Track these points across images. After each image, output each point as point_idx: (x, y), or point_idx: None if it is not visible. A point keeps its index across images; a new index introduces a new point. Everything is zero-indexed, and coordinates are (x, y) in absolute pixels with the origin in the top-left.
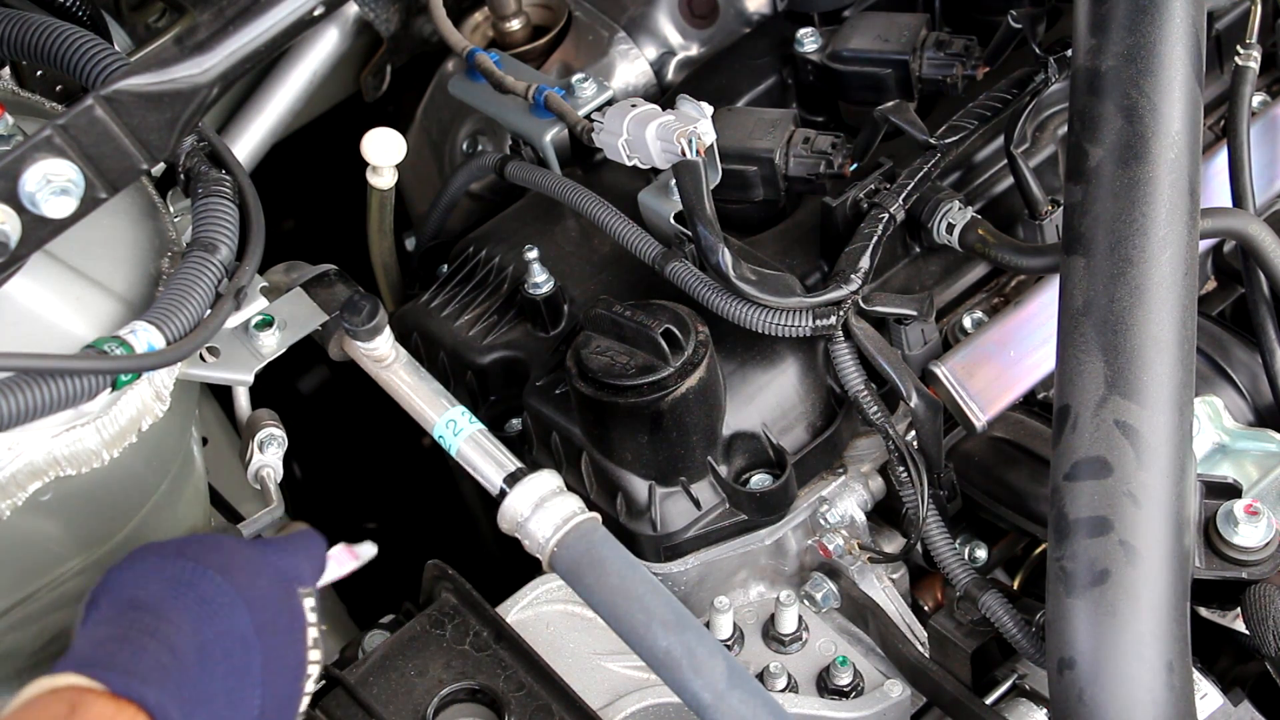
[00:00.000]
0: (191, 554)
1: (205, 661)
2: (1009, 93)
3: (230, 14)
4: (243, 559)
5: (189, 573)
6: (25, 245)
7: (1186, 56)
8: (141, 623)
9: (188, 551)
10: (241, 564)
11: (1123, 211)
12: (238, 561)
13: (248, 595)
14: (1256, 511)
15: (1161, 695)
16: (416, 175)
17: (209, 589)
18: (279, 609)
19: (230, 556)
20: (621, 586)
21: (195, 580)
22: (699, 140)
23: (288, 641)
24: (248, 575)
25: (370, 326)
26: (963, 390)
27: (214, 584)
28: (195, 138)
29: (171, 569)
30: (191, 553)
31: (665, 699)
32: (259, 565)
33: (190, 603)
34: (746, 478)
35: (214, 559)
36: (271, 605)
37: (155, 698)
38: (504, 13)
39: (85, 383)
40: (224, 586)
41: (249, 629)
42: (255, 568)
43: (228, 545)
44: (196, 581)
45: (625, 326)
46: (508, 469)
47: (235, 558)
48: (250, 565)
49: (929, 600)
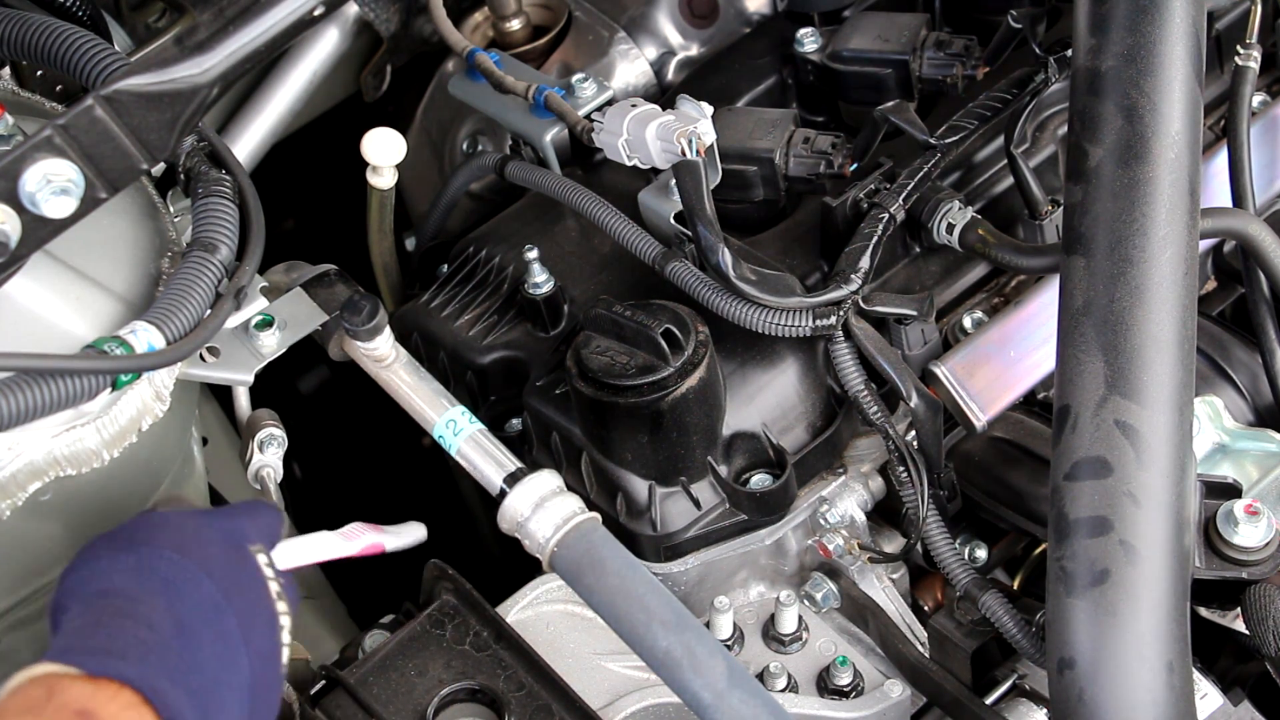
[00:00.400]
0: (143, 538)
1: (186, 633)
2: (1009, 93)
3: (230, 14)
4: (192, 531)
5: (148, 558)
6: (25, 245)
7: (1186, 56)
8: (114, 607)
9: (138, 536)
10: (192, 536)
11: (1123, 211)
12: (188, 535)
13: (207, 566)
14: (1256, 511)
15: (1161, 695)
16: (416, 175)
17: (170, 569)
18: (238, 570)
19: (180, 532)
20: (621, 586)
21: (155, 564)
22: (699, 140)
23: (254, 600)
24: (200, 545)
25: (370, 326)
26: (963, 390)
27: (173, 563)
28: (195, 138)
29: (128, 558)
30: (142, 536)
31: (665, 699)
32: (207, 533)
33: (156, 586)
34: (746, 478)
35: (166, 538)
36: (230, 568)
37: (136, 672)
38: (504, 13)
39: (85, 383)
40: (183, 563)
41: (217, 595)
42: (205, 537)
43: (174, 521)
44: (156, 564)
45: (625, 326)
46: (508, 469)
47: (185, 532)
48: (200, 535)
49: (929, 600)
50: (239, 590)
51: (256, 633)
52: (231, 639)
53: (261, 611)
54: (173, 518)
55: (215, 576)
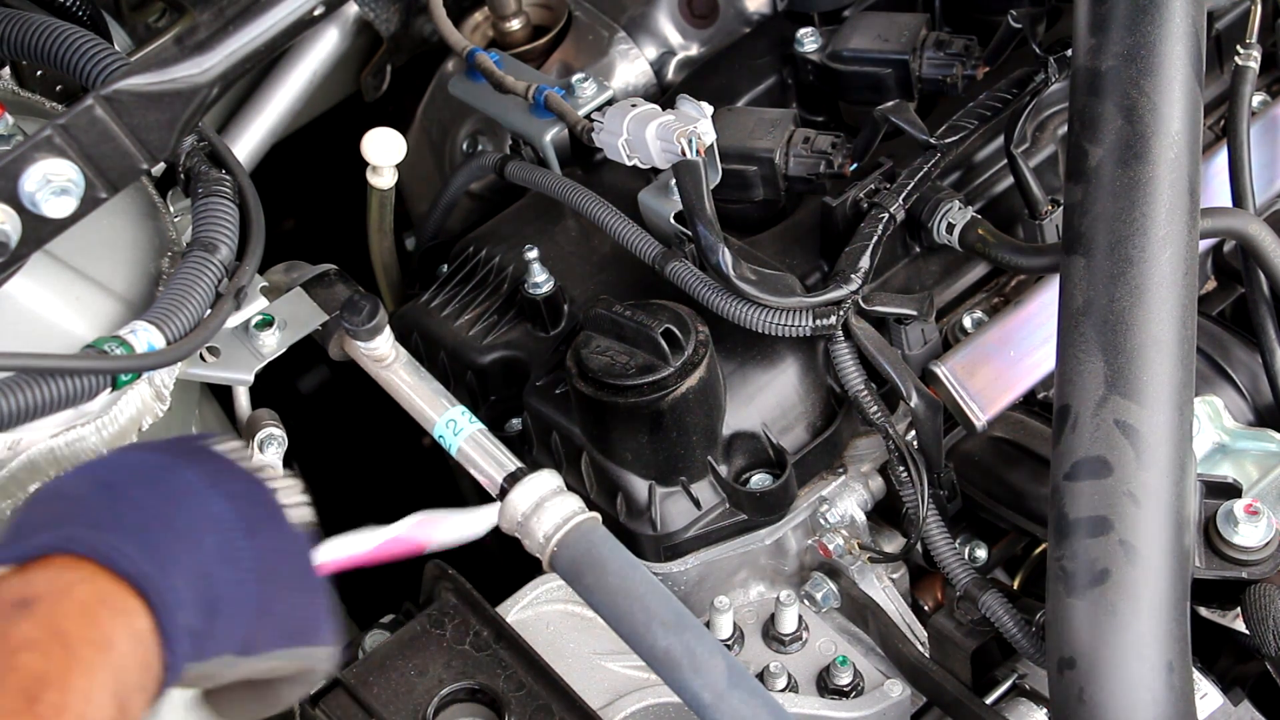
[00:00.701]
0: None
1: (109, 488)
2: (1009, 93)
3: (230, 14)
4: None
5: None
6: (25, 245)
7: (1186, 56)
8: (31, 500)
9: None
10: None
11: (1123, 211)
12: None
13: (146, 446)
14: (1256, 511)
15: (1161, 695)
16: (416, 175)
17: (102, 459)
18: (189, 443)
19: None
20: (621, 586)
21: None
22: (699, 140)
23: (217, 458)
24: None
25: (370, 326)
26: (963, 390)
27: (106, 456)
28: (195, 138)
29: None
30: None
31: (665, 699)
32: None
33: (79, 467)
34: (746, 478)
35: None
36: (178, 444)
37: (51, 537)
38: (504, 13)
39: (85, 382)
40: (116, 452)
41: (160, 457)
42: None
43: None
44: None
45: (625, 326)
46: (508, 469)
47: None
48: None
49: (929, 600)
50: (190, 453)
51: (229, 483)
52: (185, 486)
53: (233, 471)
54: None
55: (156, 449)
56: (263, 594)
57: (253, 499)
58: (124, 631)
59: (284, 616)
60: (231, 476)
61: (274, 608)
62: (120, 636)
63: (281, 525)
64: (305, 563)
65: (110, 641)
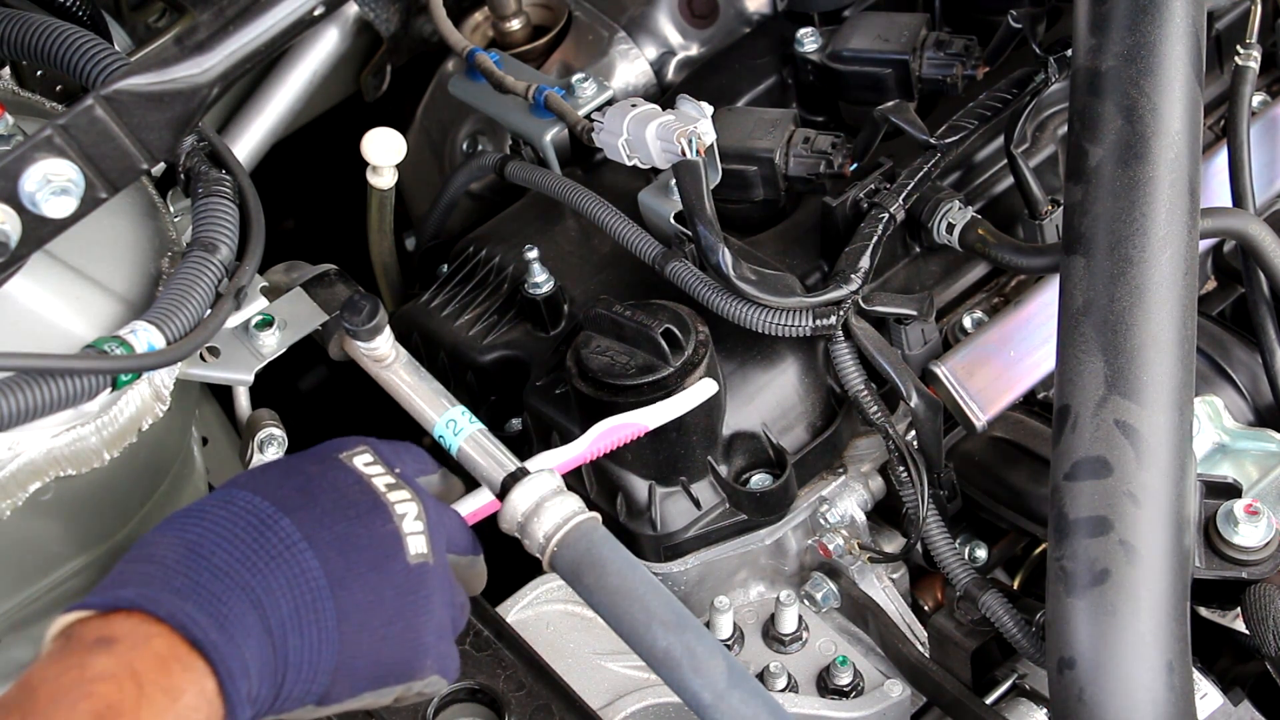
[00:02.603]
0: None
1: (194, 552)
2: (1009, 93)
3: (230, 14)
4: (270, 464)
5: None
6: (25, 245)
7: (1186, 56)
8: (124, 559)
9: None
10: (264, 468)
11: (1123, 211)
12: (262, 468)
13: (254, 484)
14: (1256, 511)
15: (1161, 695)
16: (416, 175)
17: (196, 505)
18: (309, 479)
19: (259, 470)
20: (621, 586)
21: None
22: (699, 140)
23: (331, 498)
24: (262, 472)
25: (370, 326)
26: (963, 390)
27: (206, 499)
28: (195, 138)
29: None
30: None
31: (665, 699)
32: (287, 459)
33: (167, 524)
34: (746, 478)
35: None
36: (294, 478)
37: (135, 593)
38: (504, 13)
39: (85, 383)
40: (219, 493)
41: (265, 507)
42: (279, 462)
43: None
44: (186, 510)
45: (625, 326)
46: (508, 469)
47: (262, 468)
48: (275, 463)
49: (929, 600)
50: (301, 492)
51: (329, 530)
52: (276, 544)
53: (343, 510)
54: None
55: (264, 489)
56: (343, 651)
57: (352, 544)
58: (193, 687)
59: (367, 667)
60: (338, 517)
61: (355, 662)
62: (189, 690)
63: (383, 568)
64: (407, 601)
65: (180, 691)
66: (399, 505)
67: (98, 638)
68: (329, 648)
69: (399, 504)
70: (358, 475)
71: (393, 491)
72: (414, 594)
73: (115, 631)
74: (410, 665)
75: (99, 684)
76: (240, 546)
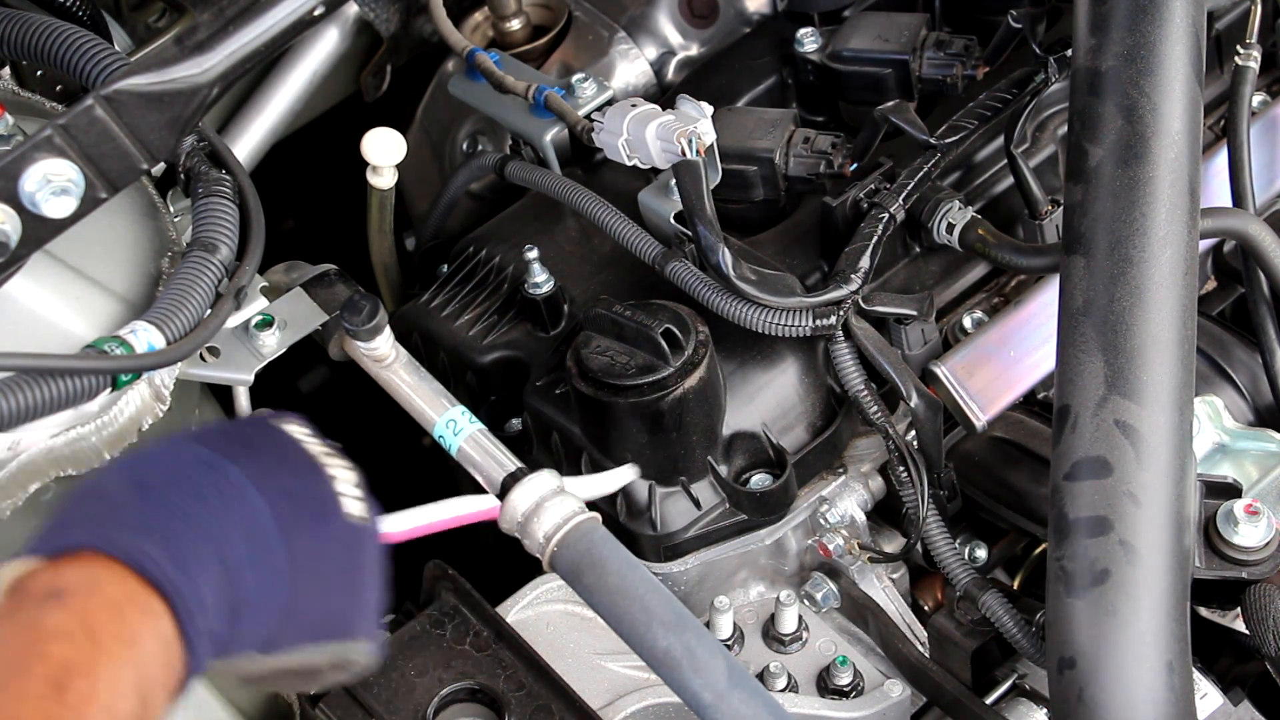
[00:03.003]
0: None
1: (144, 490)
2: (1009, 93)
3: (230, 14)
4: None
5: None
6: (25, 245)
7: (1186, 56)
8: (69, 497)
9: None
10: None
11: (1123, 211)
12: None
13: (199, 436)
14: (1256, 511)
15: (1161, 695)
16: (416, 175)
17: (146, 450)
18: (247, 433)
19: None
20: (621, 586)
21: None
22: (699, 140)
23: (274, 452)
24: (201, 431)
25: (370, 326)
26: (963, 390)
27: (152, 447)
28: (195, 138)
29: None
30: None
31: (665, 699)
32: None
33: (118, 463)
34: (746, 478)
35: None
36: (235, 432)
37: (84, 534)
38: (504, 13)
39: (85, 383)
40: (165, 441)
41: (207, 454)
42: (213, 425)
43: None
44: (132, 454)
45: (625, 326)
46: (508, 469)
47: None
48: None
49: (929, 600)
50: (244, 444)
51: (275, 479)
52: (226, 487)
53: (285, 465)
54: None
55: (210, 441)
56: (292, 595)
57: (299, 496)
58: (150, 631)
59: (313, 615)
60: (283, 470)
61: (302, 608)
62: (146, 635)
63: (326, 522)
64: (348, 558)
65: (136, 639)
66: (336, 470)
67: (48, 590)
68: (281, 589)
69: (336, 469)
70: (295, 440)
71: (329, 458)
72: (357, 550)
73: (66, 581)
74: (351, 622)
75: (52, 644)
76: (191, 486)
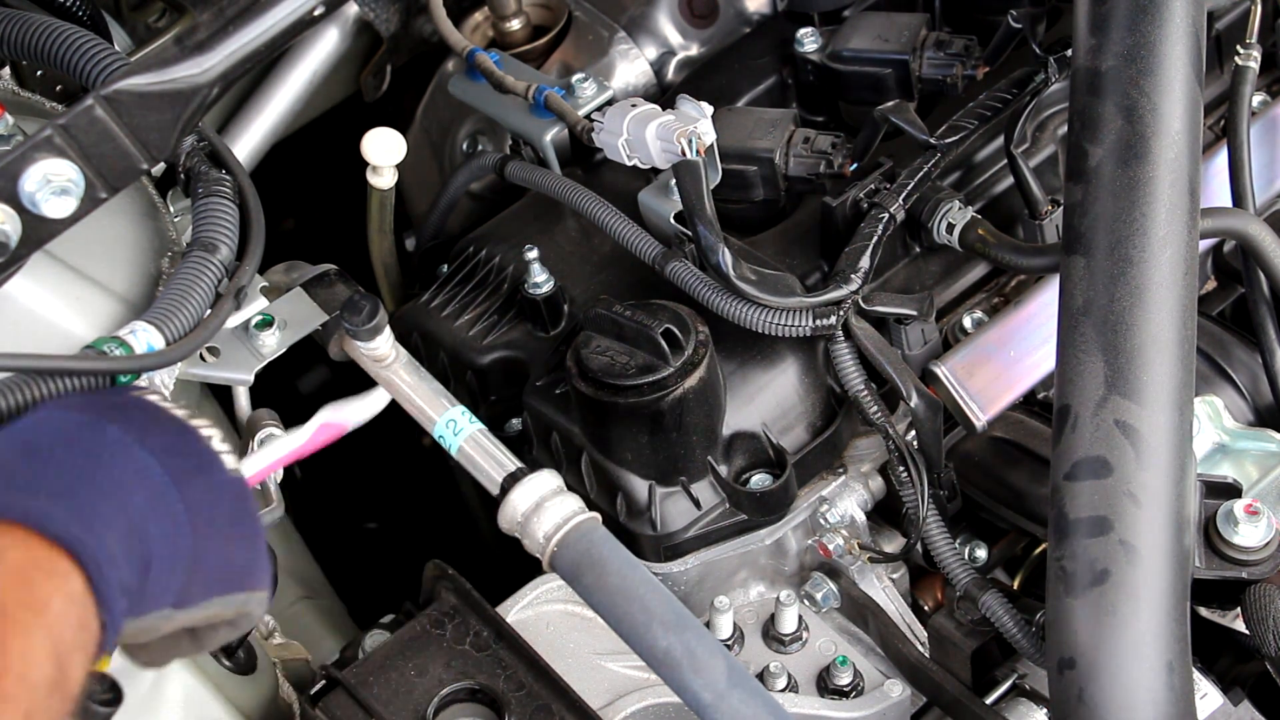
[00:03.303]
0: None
1: (33, 452)
2: (1009, 93)
3: (230, 14)
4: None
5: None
6: (25, 245)
7: (1186, 56)
8: None
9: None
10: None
11: (1123, 211)
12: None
13: (63, 404)
14: (1256, 511)
15: (1161, 695)
16: (416, 175)
17: (22, 421)
18: (109, 397)
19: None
20: (621, 586)
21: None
22: (699, 140)
23: (144, 412)
24: (61, 399)
25: (370, 326)
26: (963, 390)
27: (27, 418)
28: (195, 138)
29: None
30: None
31: (665, 699)
32: (69, 395)
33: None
34: (746, 478)
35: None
36: (99, 399)
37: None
38: (504, 13)
39: (85, 383)
40: (38, 412)
41: (81, 417)
42: (65, 397)
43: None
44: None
45: (625, 326)
46: (508, 469)
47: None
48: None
49: (929, 600)
50: (114, 407)
51: (155, 437)
52: (110, 443)
53: (158, 424)
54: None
55: (78, 406)
56: (196, 545)
57: (180, 450)
58: (59, 594)
59: (218, 565)
60: (158, 429)
61: (207, 557)
62: (55, 598)
63: (211, 473)
64: (238, 509)
65: (45, 604)
66: (203, 429)
67: None
68: (184, 538)
69: (203, 428)
70: (159, 405)
71: (194, 419)
72: (245, 501)
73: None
74: (253, 571)
75: None
76: (78, 445)
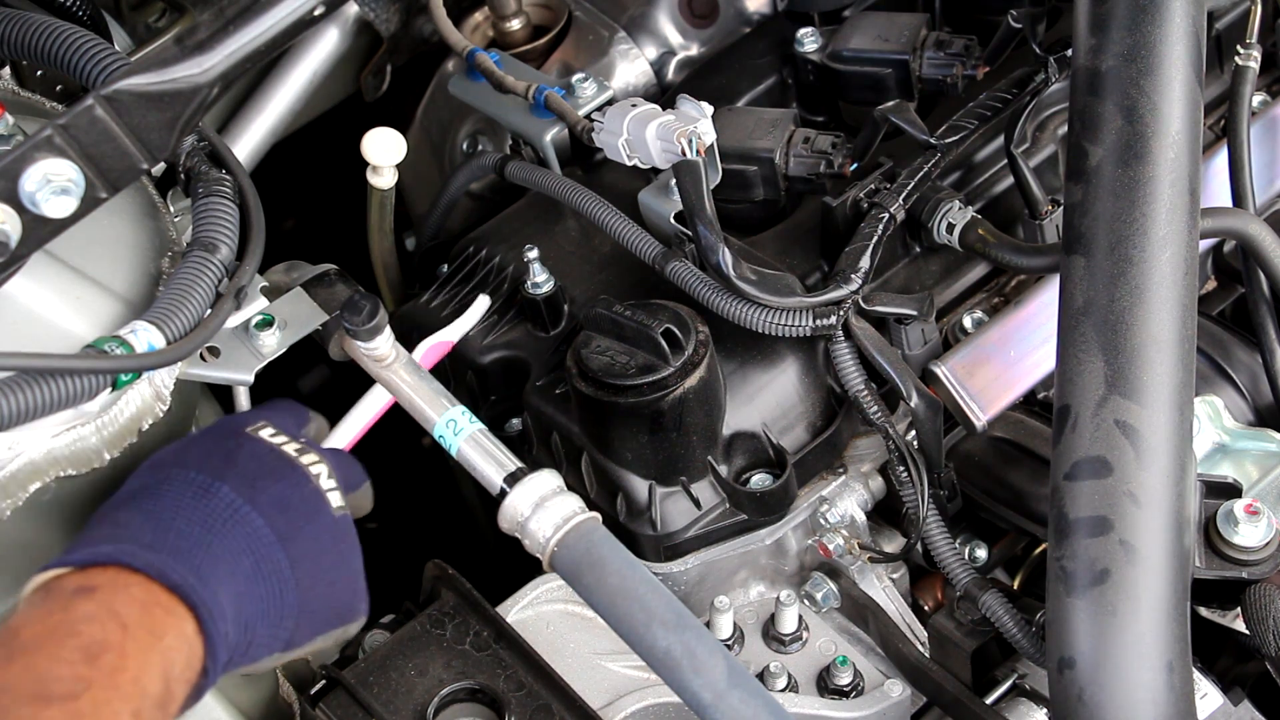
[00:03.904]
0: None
1: (154, 517)
2: (1009, 93)
3: (230, 14)
4: (180, 444)
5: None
6: (25, 245)
7: (1186, 56)
8: (89, 525)
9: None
10: (176, 447)
11: (1123, 211)
12: (173, 448)
13: (183, 460)
14: (1256, 511)
15: (1161, 695)
16: (416, 175)
17: (143, 478)
18: (227, 452)
19: (169, 450)
20: (621, 586)
21: (130, 482)
22: (699, 140)
23: (256, 467)
24: (182, 449)
25: (371, 326)
26: (963, 390)
27: (147, 473)
28: (195, 137)
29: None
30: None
31: (665, 699)
32: (193, 438)
33: (123, 496)
34: (746, 477)
35: (155, 458)
36: (216, 455)
37: (110, 549)
38: (504, 13)
39: (85, 383)
40: (159, 470)
41: (201, 478)
42: (189, 441)
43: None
44: (130, 482)
45: (625, 326)
46: (508, 469)
47: (172, 447)
48: (185, 442)
49: (929, 600)
50: (226, 459)
51: (264, 492)
52: (222, 508)
53: (268, 474)
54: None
55: (194, 463)
56: (302, 598)
57: (287, 503)
58: (173, 630)
59: (322, 609)
60: (267, 480)
61: (313, 605)
62: (170, 633)
63: (316, 521)
64: (341, 549)
65: (162, 631)
66: (312, 467)
67: (78, 587)
68: (290, 595)
69: (311, 466)
70: (269, 445)
71: (303, 455)
72: (346, 542)
73: (95, 581)
74: (353, 606)
75: (84, 624)
76: (193, 513)
